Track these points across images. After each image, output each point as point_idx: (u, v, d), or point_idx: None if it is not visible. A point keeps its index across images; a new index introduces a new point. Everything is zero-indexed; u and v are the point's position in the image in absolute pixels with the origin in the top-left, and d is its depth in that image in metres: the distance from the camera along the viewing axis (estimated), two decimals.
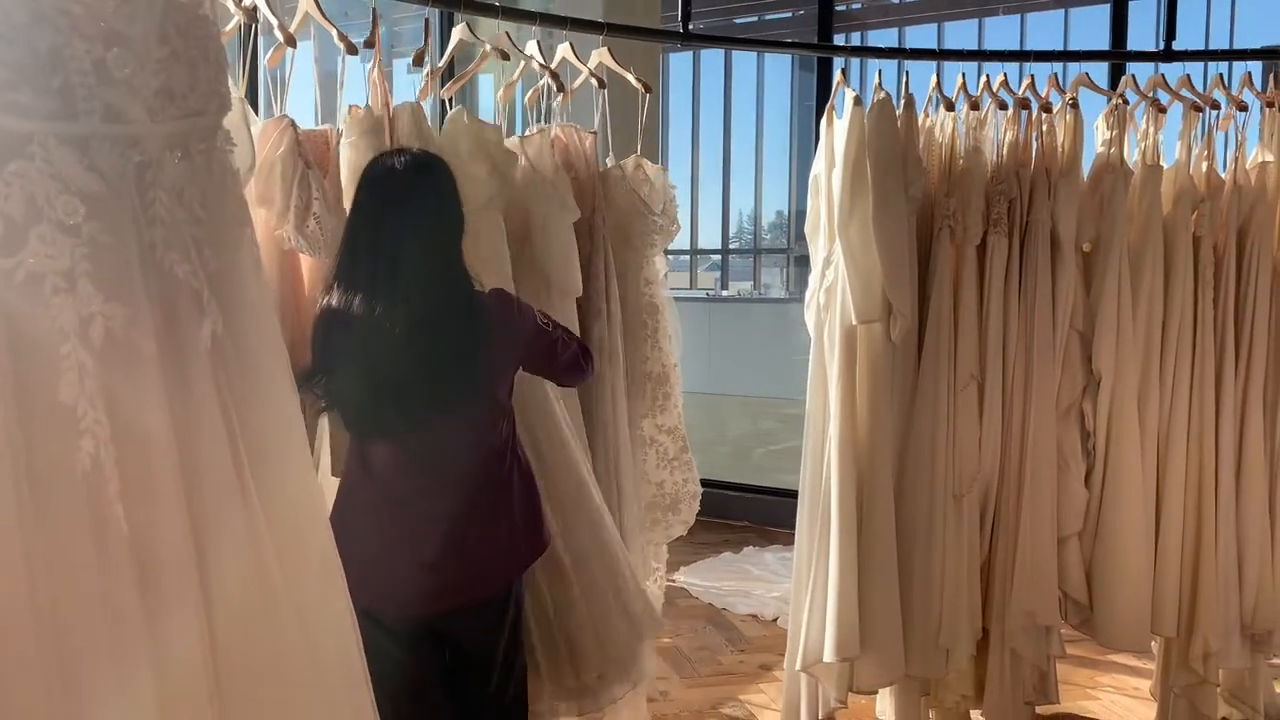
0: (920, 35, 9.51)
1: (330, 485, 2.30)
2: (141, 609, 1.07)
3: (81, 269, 1.06)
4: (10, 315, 1.03)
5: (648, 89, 3.11)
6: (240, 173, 1.51)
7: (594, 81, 3.05)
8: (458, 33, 2.88)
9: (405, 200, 2.15)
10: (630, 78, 3.11)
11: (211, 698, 1.12)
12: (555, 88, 2.94)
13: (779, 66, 10.25)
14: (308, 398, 2.13)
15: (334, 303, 2.13)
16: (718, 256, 12.05)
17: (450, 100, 2.83)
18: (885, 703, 3.54)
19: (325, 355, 2.13)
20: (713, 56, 10.12)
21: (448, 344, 2.13)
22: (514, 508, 2.29)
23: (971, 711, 3.51)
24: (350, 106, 2.52)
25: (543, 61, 2.92)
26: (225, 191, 1.22)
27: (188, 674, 1.11)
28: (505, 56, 2.87)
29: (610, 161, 3.06)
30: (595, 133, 3.01)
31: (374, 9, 2.63)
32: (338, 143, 2.48)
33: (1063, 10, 8.74)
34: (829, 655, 3.11)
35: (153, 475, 1.10)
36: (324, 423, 2.36)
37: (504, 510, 2.27)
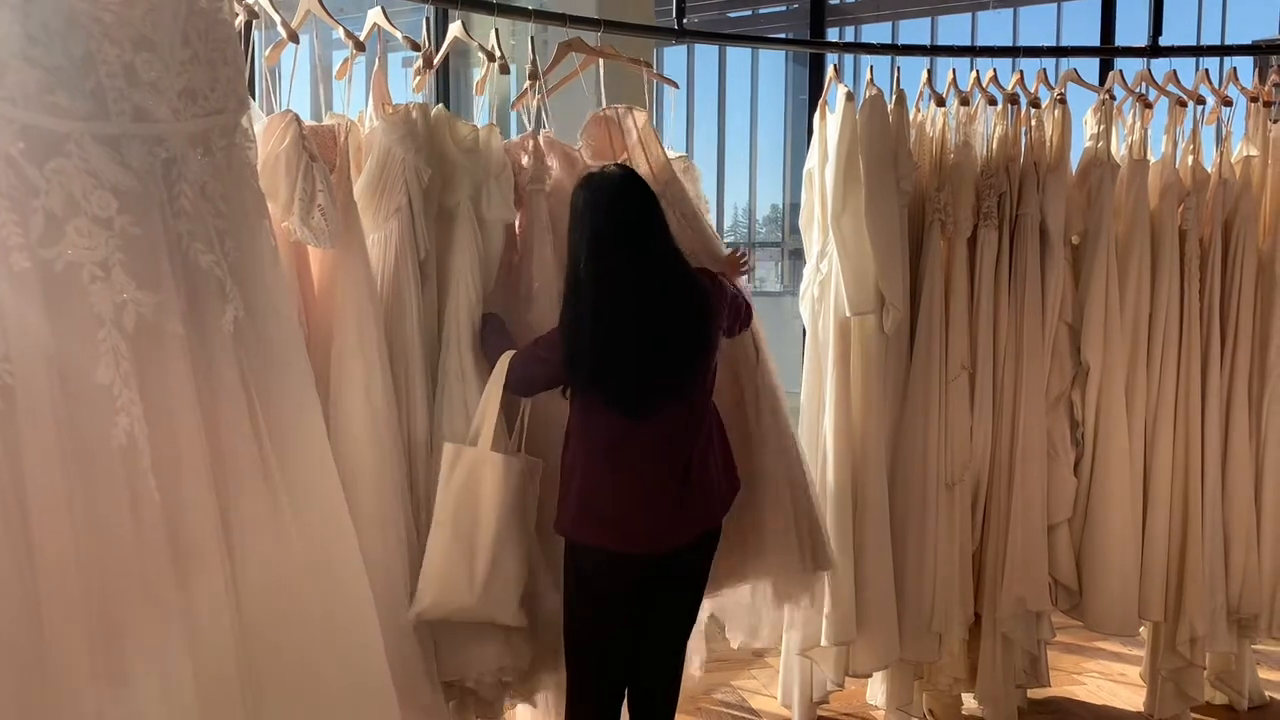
0: (913, 29, 9.56)
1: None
2: (173, 571, 1.14)
3: (115, 259, 1.13)
4: (52, 302, 1.09)
5: (675, 85, 3.22)
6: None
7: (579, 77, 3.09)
8: (453, 30, 2.92)
9: (641, 203, 2.49)
10: (655, 75, 3.20)
11: (237, 653, 1.19)
12: (531, 78, 2.94)
13: (773, 60, 10.27)
14: (571, 381, 2.50)
15: (592, 292, 2.43)
16: None
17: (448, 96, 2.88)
18: (876, 687, 3.60)
19: (591, 338, 2.43)
20: (707, 50, 10.14)
21: (693, 316, 2.49)
22: (717, 452, 2.61)
23: (963, 695, 3.57)
24: (385, 104, 2.60)
25: (500, 53, 2.93)
26: (244, 185, 1.28)
27: (215, 630, 1.18)
28: (505, 70, 2.91)
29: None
30: (648, 112, 3.07)
31: (375, 24, 2.69)
32: (346, 137, 2.53)
33: (1055, 4, 8.78)
34: (826, 639, 3.19)
35: (181, 450, 1.17)
36: (487, 397, 2.57)
37: (713, 455, 2.60)
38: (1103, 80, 3.74)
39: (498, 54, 2.89)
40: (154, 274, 1.16)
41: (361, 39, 2.66)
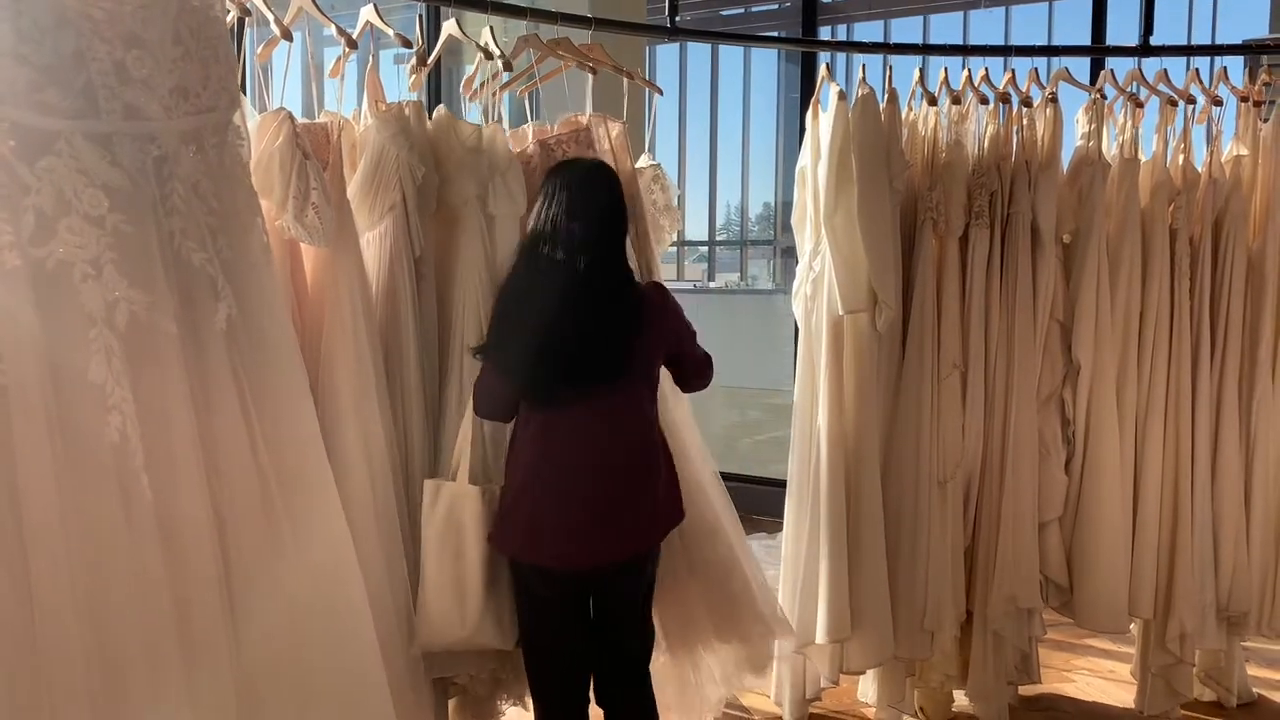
0: (906, 27, 9.57)
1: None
2: (165, 569, 1.14)
3: (107, 257, 1.13)
4: (43, 301, 1.09)
5: (659, 90, 3.21)
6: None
7: (562, 74, 3.08)
8: (447, 28, 2.92)
9: (589, 200, 2.47)
10: (639, 80, 3.19)
11: (229, 649, 1.18)
12: (503, 69, 2.94)
13: (765, 59, 10.29)
14: (484, 364, 2.49)
15: (515, 279, 2.48)
16: (705, 248, 12.12)
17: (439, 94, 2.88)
18: (867, 684, 3.61)
19: (499, 325, 2.47)
20: (699, 49, 10.16)
21: (610, 321, 2.43)
22: (659, 478, 2.53)
23: (955, 692, 3.58)
24: (379, 102, 2.59)
25: (499, 51, 2.93)
26: (237, 183, 1.28)
27: (208, 627, 1.17)
28: (509, 68, 2.91)
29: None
30: (625, 123, 3.06)
31: (368, 21, 2.68)
32: (339, 135, 2.52)
33: (1047, 3, 8.79)
34: (821, 637, 3.19)
35: (174, 448, 1.17)
36: (464, 427, 2.55)
37: (651, 479, 2.52)
38: (1094, 79, 3.75)
39: (495, 51, 2.89)
40: (146, 272, 1.16)
41: (354, 36, 2.65)
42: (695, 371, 2.73)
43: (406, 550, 2.52)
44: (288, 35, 2.49)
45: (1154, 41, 3.69)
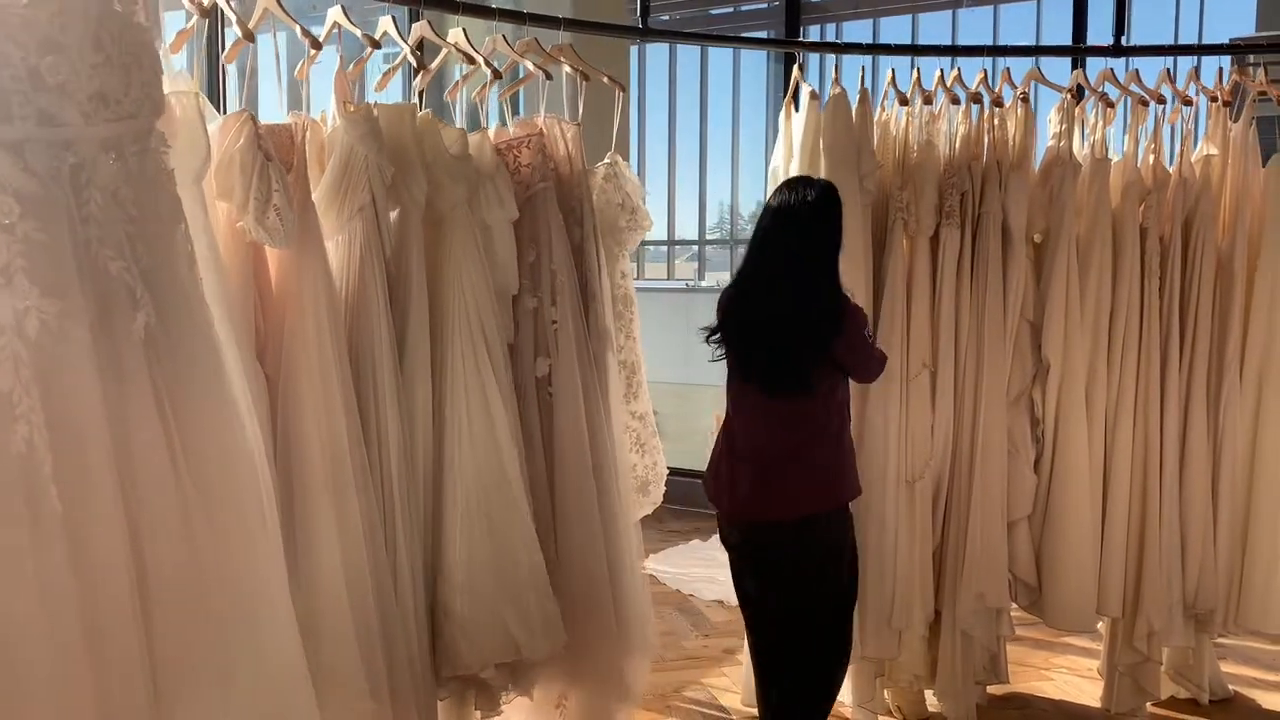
0: (894, 27, 9.55)
1: None
2: (74, 585, 1.13)
3: (17, 265, 1.12)
4: None
5: (622, 88, 3.21)
6: (196, 168, 1.58)
7: (542, 74, 3.09)
8: (418, 29, 2.92)
9: (803, 216, 2.72)
10: (604, 78, 3.19)
11: (144, 670, 1.18)
12: (491, 77, 2.97)
13: (754, 57, 10.27)
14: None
15: (739, 274, 2.82)
16: (695, 247, 12.10)
17: (421, 94, 2.89)
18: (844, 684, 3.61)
19: (721, 315, 2.84)
20: (689, 48, 10.14)
21: (800, 326, 2.71)
22: (813, 466, 2.78)
23: (925, 691, 3.59)
24: (346, 103, 2.59)
25: (475, 53, 2.93)
26: (159, 190, 1.28)
27: (121, 639, 1.17)
28: (499, 75, 2.92)
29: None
30: (579, 125, 3.07)
31: (336, 22, 2.68)
32: (304, 136, 2.52)
33: (1034, 1, 8.78)
34: None
35: (87, 457, 1.16)
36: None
37: (798, 463, 2.77)
38: None
39: (478, 58, 2.90)
40: (59, 280, 1.16)
41: (320, 39, 2.65)
42: (864, 370, 2.92)
43: (375, 553, 2.51)
44: (250, 37, 2.48)
45: (1138, 41, 3.69)
